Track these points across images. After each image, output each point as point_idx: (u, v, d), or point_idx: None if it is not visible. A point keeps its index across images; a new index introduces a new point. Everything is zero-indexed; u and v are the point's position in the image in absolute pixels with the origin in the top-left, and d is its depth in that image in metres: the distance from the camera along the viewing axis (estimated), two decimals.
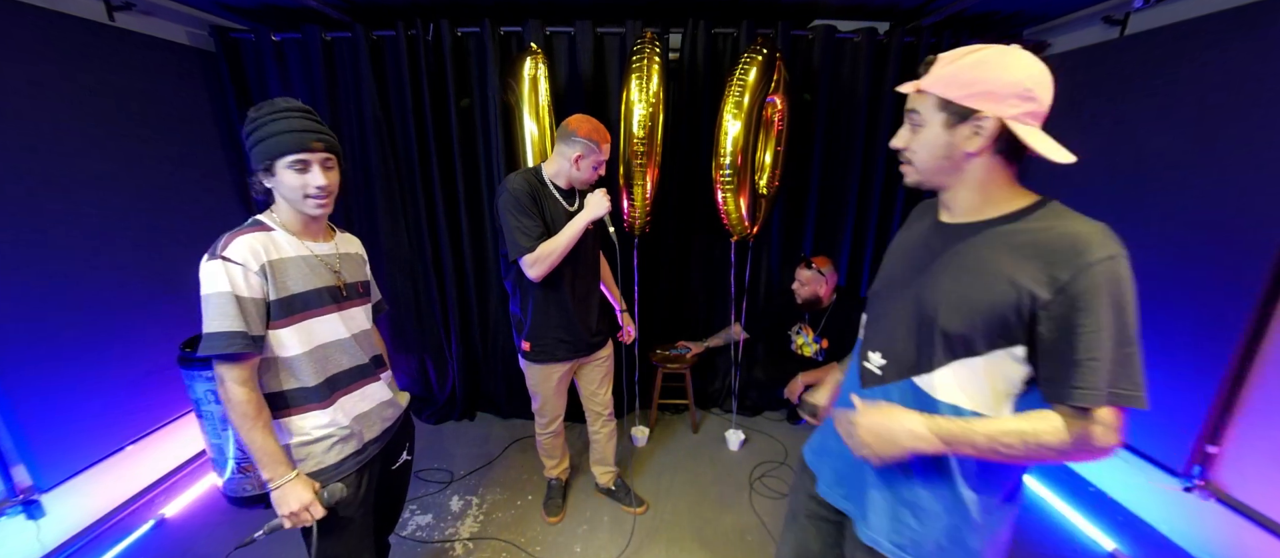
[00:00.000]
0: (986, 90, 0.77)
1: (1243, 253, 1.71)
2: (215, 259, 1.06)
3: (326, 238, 1.27)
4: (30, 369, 1.78)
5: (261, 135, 1.09)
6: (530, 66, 2.17)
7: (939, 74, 0.81)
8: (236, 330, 1.05)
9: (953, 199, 0.89)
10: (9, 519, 1.78)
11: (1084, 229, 0.77)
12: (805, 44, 2.46)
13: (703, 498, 2.33)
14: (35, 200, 1.80)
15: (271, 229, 1.15)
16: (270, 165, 1.10)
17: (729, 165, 2.17)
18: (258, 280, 1.09)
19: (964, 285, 0.84)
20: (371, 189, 2.64)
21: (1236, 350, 1.74)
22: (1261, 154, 1.66)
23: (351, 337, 1.27)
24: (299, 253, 1.17)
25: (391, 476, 1.41)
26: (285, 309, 1.13)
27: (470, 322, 2.85)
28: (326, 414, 1.19)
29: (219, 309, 1.05)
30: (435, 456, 2.63)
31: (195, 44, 2.42)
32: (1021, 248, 0.80)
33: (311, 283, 1.18)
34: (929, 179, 0.89)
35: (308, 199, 1.14)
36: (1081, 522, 2.14)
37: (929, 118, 0.83)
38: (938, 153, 0.84)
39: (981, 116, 0.78)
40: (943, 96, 0.81)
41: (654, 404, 2.82)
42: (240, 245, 1.08)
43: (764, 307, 2.84)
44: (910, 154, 0.88)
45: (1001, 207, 0.85)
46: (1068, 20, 2.36)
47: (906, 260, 0.97)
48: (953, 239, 0.89)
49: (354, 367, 1.27)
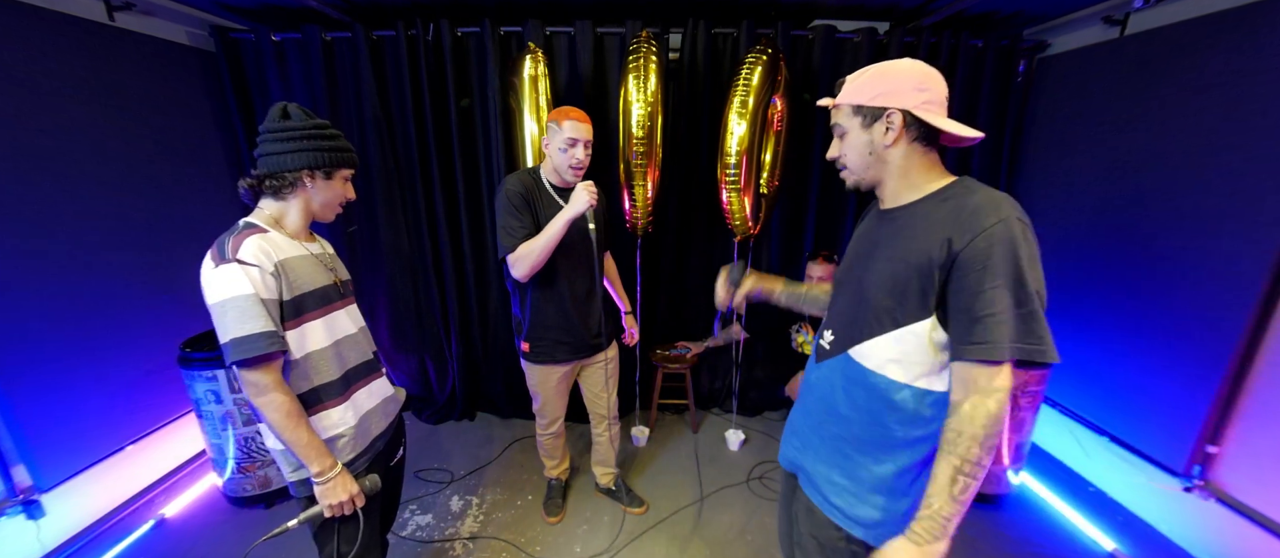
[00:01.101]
0: (887, 90, 0.91)
1: (1243, 253, 1.71)
2: (228, 263, 1.04)
3: (311, 238, 1.28)
4: (30, 369, 1.78)
5: (333, 145, 1.17)
6: (530, 66, 2.17)
7: (848, 89, 0.96)
8: (269, 330, 1.05)
9: (885, 190, 1.01)
10: (9, 519, 1.78)
11: (982, 198, 0.86)
12: (805, 44, 2.46)
13: (703, 498, 2.33)
14: (35, 201, 1.80)
15: (267, 230, 1.14)
16: (331, 172, 1.19)
17: (734, 165, 2.18)
18: (273, 281, 1.09)
19: (891, 262, 0.94)
20: (371, 189, 2.64)
21: (1236, 350, 1.75)
22: (1261, 154, 1.67)
23: (359, 331, 1.31)
24: (299, 252, 1.19)
25: (390, 472, 1.42)
26: (297, 309, 1.14)
27: (470, 322, 2.85)
28: (340, 411, 1.21)
29: (245, 312, 1.04)
30: (435, 456, 2.63)
31: (195, 44, 2.42)
32: (935, 222, 0.89)
33: (318, 281, 1.20)
34: (863, 177, 1.01)
35: (339, 207, 1.26)
36: (1081, 522, 2.14)
37: (849, 125, 0.97)
38: (863, 152, 0.97)
39: (890, 112, 0.91)
40: (855, 104, 0.95)
41: (654, 404, 2.82)
42: (251, 247, 1.07)
43: (765, 305, 2.83)
44: (843, 160, 1.01)
45: (923, 188, 0.96)
46: (1068, 20, 2.36)
47: (856, 249, 1.09)
48: (887, 223, 1.00)
49: (362, 362, 1.30)
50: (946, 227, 0.86)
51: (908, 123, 0.91)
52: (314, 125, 1.16)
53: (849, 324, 1.02)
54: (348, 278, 1.36)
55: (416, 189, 2.61)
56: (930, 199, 0.93)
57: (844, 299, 1.07)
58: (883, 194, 1.02)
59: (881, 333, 0.95)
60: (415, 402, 3.06)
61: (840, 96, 0.98)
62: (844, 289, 1.08)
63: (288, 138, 1.13)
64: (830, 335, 1.08)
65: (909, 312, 0.91)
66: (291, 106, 1.15)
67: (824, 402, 1.07)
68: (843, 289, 1.09)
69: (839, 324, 1.06)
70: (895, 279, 0.92)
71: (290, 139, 1.13)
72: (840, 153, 1.01)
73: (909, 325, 0.91)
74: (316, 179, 1.17)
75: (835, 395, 1.04)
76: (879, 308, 0.95)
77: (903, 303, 0.91)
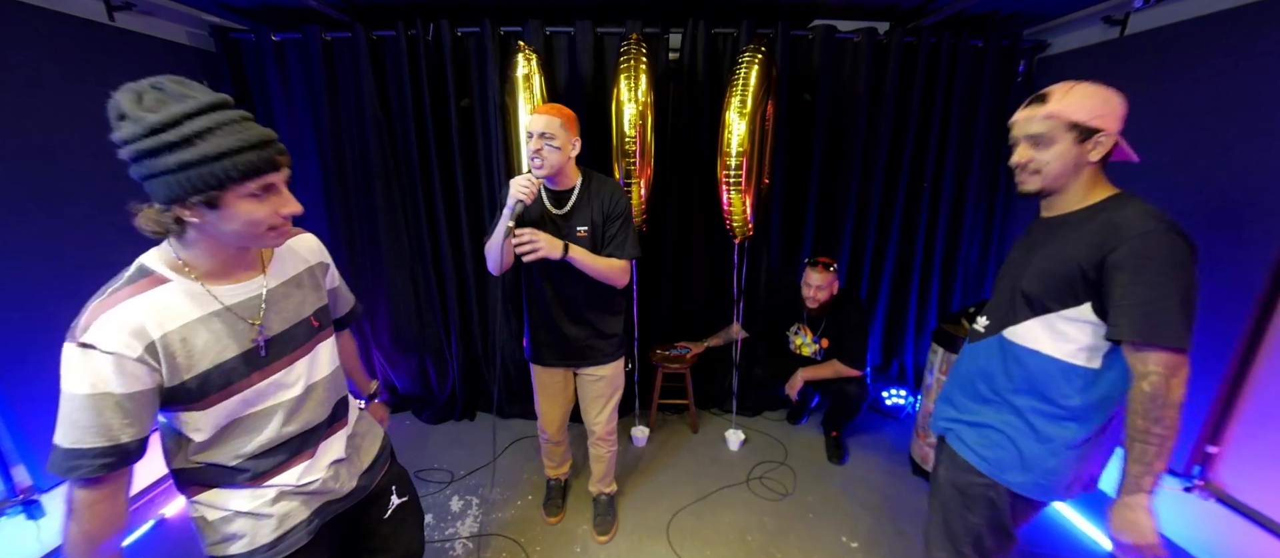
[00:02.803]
0: (1105, 113, 1.04)
1: (1243, 253, 1.71)
2: (72, 345, 0.75)
3: (255, 272, 0.92)
4: (30, 369, 1.78)
5: (202, 154, 0.73)
6: (522, 64, 2.16)
7: (1065, 102, 1.05)
8: (100, 446, 0.75)
9: (1059, 199, 1.13)
10: (9, 519, 1.78)
11: (1133, 211, 1.01)
12: (805, 44, 2.46)
13: (702, 498, 2.33)
14: (35, 201, 1.80)
15: (166, 279, 0.83)
16: (214, 198, 0.76)
17: (735, 166, 2.18)
18: (143, 370, 0.78)
19: (1049, 260, 1.09)
20: (371, 189, 2.64)
21: (1236, 350, 1.75)
22: (1261, 154, 1.66)
23: (302, 393, 0.96)
24: (207, 310, 0.85)
25: (383, 525, 1.15)
26: (202, 388, 0.84)
27: (470, 322, 2.85)
28: (254, 493, 0.94)
29: (71, 419, 0.75)
30: (435, 456, 2.63)
31: (195, 44, 2.42)
32: (1093, 229, 1.04)
33: (231, 349, 0.87)
34: (1052, 185, 1.11)
35: (271, 232, 0.84)
36: (1081, 522, 2.14)
37: (1059, 137, 1.06)
38: (1068, 162, 1.07)
39: (1103, 133, 1.04)
40: (1072, 120, 1.04)
41: (654, 404, 2.82)
42: (111, 322, 0.76)
43: (764, 304, 2.84)
44: (1037, 165, 1.10)
45: (1091, 199, 1.09)
46: (1068, 20, 2.36)
47: (1019, 250, 1.24)
48: (1052, 228, 1.14)
49: (300, 434, 0.98)
50: (1102, 234, 1.01)
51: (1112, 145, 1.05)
52: (156, 124, 0.71)
53: (1005, 310, 1.20)
54: (313, 310, 1.01)
55: (416, 189, 2.60)
56: (1095, 209, 1.07)
57: (1001, 290, 1.25)
58: (1055, 203, 1.14)
59: (1032, 317, 1.12)
60: (415, 402, 3.07)
61: (1055, 107, 1.05)
62: (1003, 282, 1.25)
63: (132, 157, 0.74)
64: (984, 321, 1.28)
65: (1059, 300, 1.07)
66: (124, 98, 0.73)
67: (979, 374, 1.25)
68: (1002, 282, 1.26)
69: (995, 310, 1.25)
70: (1047, 273, 1.09)
71: (135, 160, 0.74)
72: (1032, 158, 1.10)
73: (1059, 311, 1.08)
74: (198, 211, 0.77)
75: (991, 366, 1.22)
76: (1028, 294, 1.12)
77: (1051, 292, 1.08)
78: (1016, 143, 1.13)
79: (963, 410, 1.29)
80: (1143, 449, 0.99)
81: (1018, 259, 1.22)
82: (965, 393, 1.30)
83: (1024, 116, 1.10)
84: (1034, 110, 1.08)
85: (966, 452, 1.25)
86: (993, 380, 1.22)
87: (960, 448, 1.26)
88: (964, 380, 1.31)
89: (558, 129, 1.55)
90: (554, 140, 1.55)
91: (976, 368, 1.26)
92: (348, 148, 2.59)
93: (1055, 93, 1.07)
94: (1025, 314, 1.14)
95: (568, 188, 1.67)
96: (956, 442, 1.28)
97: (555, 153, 1.56)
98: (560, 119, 1.56)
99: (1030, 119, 1.09)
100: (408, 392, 3.09)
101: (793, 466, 2.55)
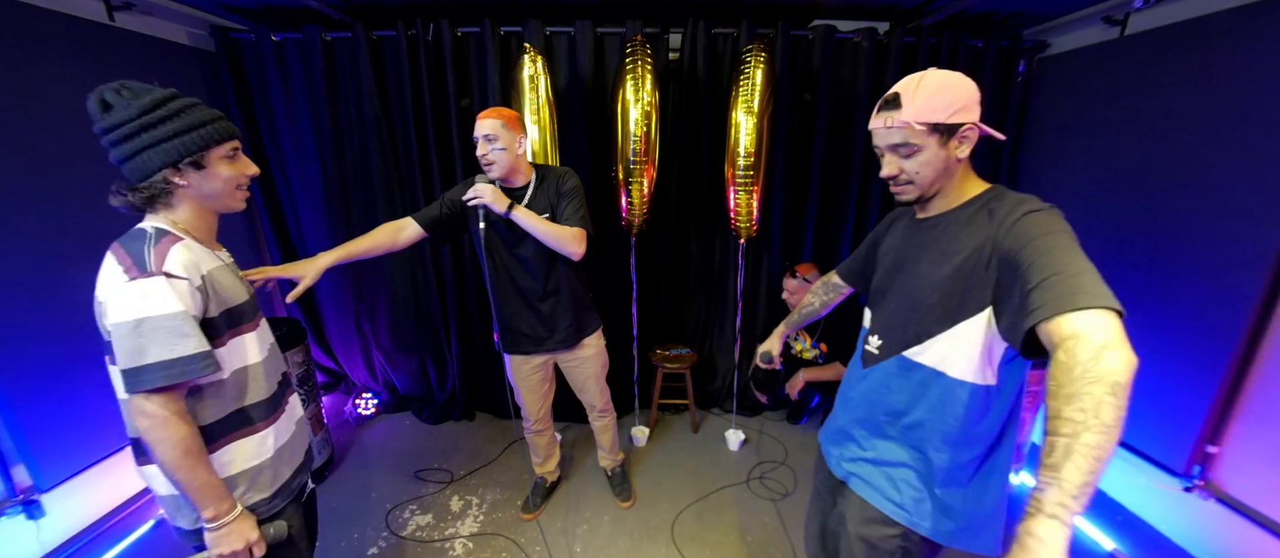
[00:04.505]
0: (959, 105, 0.93)
1: (1243, 253, 1.71)
2: (152, 277, 0.90)
3: (220, 247, 1.13)
4: (30, 369, 1.78)
5: (186, 124, 0.96)
6: (528, 67, 2.16)
7: (917, 107, 0.94)
8: (205, 350, 0.94)
9: (936, 201, 1.04)
10: (9, 519, 1.78)
11: (1013, 199, 0.94)
12: (805, 44, 2.46)
13: (703, 498, 2.33)
14: (35, 201, 1.80)
15: (181, 237, 0.98)
16: (201, 158, 0.97)
17: (744, 166, 2.19)
18: (200, 298, 0.96)
19: (939, 265, 0.99)
20: (371, 189, 2.64)
21: (1236, 350, 1.75)
22: (1262, 154, 1.66)
23: (269, 354, 1.16)
24: (218, 263, 1.05)
25: (304, 507, 1.29)
26: (230, 321, 1.03)
27: (470, 322, 2.85)
28: (257, 440, 1.09)
29: (175, 332, 0.91)
30: (435, 456, 2.63)
31: (195, 44, 2.42)
32: (974, 225, 0.96)
33: (241, 293, 1.08)
34: (929, 191, 1.02)
35: (238, 191, 1.06)
36: (1081, 522, 2.14)
37: (924, 143, 0.96)
38: (939, 167, 0.98)
39: (966, 127, 0.95)
40: (931, 123, 0.94)
41: (654, 404, 2.82)
42: (177, 257, 0.93)
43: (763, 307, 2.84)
44: (910, 176, 1.01)
45: (967, 194, 1.01)
46: (1068, 20, 2.36)
47: (895, 257, 1.13)
48: (929, 230, 1.05)
49: (282, 379, 1.20)
50: (986, 226, 0.93)
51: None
52: (146, 106, 0.93)
53: (900, 328, 1.06)
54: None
55: (416, 189, 2.60)
56: (970, 205, 1.00)
57: (889, 305, 1.11)
58: (930, 205, 1.05)
59: (938, 332, 0.99)
60: (415, 402, 3.06)
61: (909, 115, 0.95)
62: (887, 295, 1.12)
63: (124, 137, 0.93)
64: (877, 341, 1.12)
65: (964, 309, 0.95)
66: (108, 92, 0.94)
67: (879, 404, 1.10)
68: (886, 295, 1.13)
69: (888, 329, 1.10)
70: (944, 279, 0.97)
71: (127, 138, 0.94)
72: (901, 170, 1.00)
73: (966, 321, 0.95)
74: (186, 174, 0.98)
75: (892, 396, 1.07)
76: (931, 306, 0.99)
77: (954, 300, 0.96)
78: (881, 153, 1.02)
79: (866, 447, 1.13)
80: (1051, 443, 0.69)
81: (900, 266, 1.10)
82: (865, 426, 1.14)
83: (881, 126, 0.99)
84: (888, 116, 0.97)
85: (875, 497, 1.09)
86: (893, 410, 1.07)
87: (868, 493, 1.11)
88: (861, 411, 1.15)
89: (500, 130, 1.61)
90: (498, 142, 1.60)
91: (874, 396, 1.11)
92: (348, 148, 2.59)
93: (904, 95, 0.96)
94: (930, 331, 1.00)
95: (522, 185, 1.73)
96: (862, 487, 1.12)
97: (502, 154, 1.62)
98: (501, 120, 1.62)
99: (888, 130, 0.98)
100: (408, 392, 3.08)
101: (793, 466, 2.55)
